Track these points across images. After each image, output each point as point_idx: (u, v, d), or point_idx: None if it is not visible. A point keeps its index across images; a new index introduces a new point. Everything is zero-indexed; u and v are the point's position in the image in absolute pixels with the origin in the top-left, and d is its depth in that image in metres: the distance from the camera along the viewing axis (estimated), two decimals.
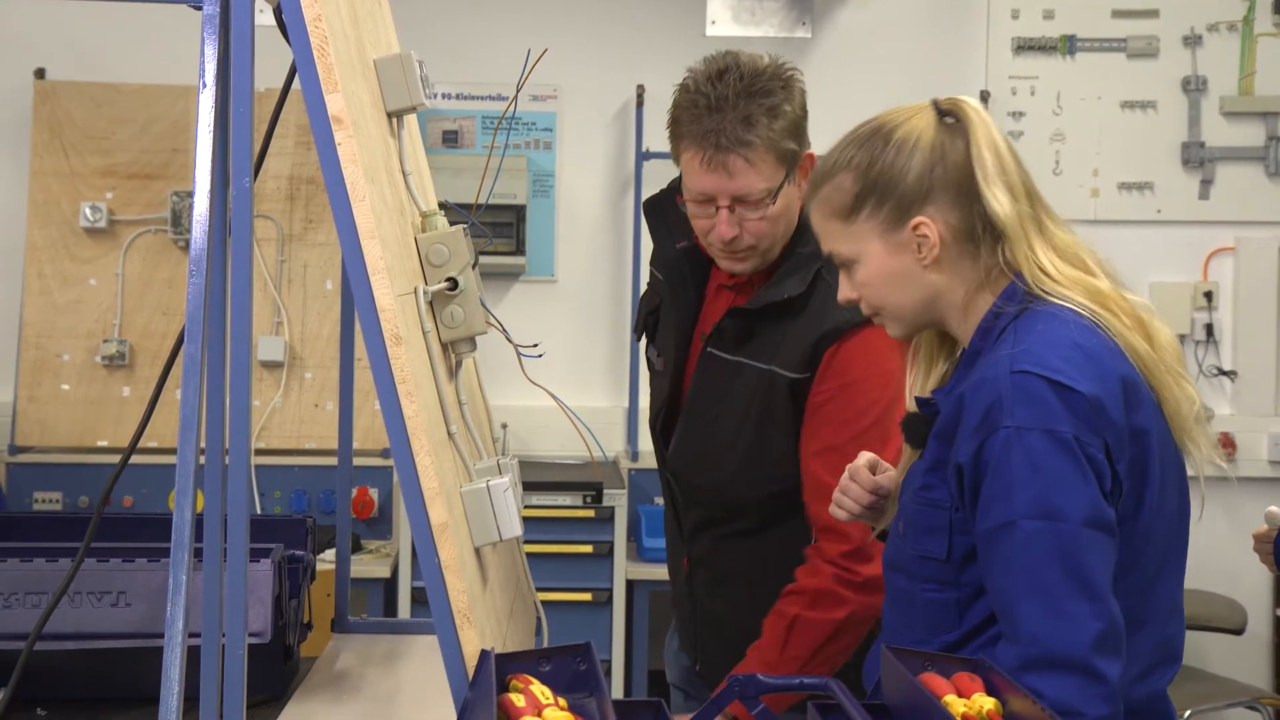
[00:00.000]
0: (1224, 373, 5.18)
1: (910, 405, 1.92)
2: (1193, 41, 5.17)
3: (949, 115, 1.84)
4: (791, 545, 2.34)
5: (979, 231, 1.80)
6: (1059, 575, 1.65)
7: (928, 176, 1.80)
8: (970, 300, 1.83)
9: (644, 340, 2.59)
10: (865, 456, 2.05)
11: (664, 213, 2.49)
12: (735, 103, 2.21)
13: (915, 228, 1.80)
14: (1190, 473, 1.83)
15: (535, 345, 2.32)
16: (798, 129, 2.28)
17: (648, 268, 2.63)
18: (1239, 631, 4.69)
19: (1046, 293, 1.78)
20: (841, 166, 1.85)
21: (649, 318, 2.54)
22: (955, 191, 1.80)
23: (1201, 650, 5.01)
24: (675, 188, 2.45)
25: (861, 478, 2.02)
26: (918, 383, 1.95)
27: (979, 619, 1.79)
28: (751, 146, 2.21)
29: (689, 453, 2.44)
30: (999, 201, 1.78)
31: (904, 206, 1.80)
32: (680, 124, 2.28)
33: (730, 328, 2.36)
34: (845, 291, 1.90)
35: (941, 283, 1.83)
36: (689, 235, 2.43)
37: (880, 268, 1.84)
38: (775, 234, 2.32)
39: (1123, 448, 1.71)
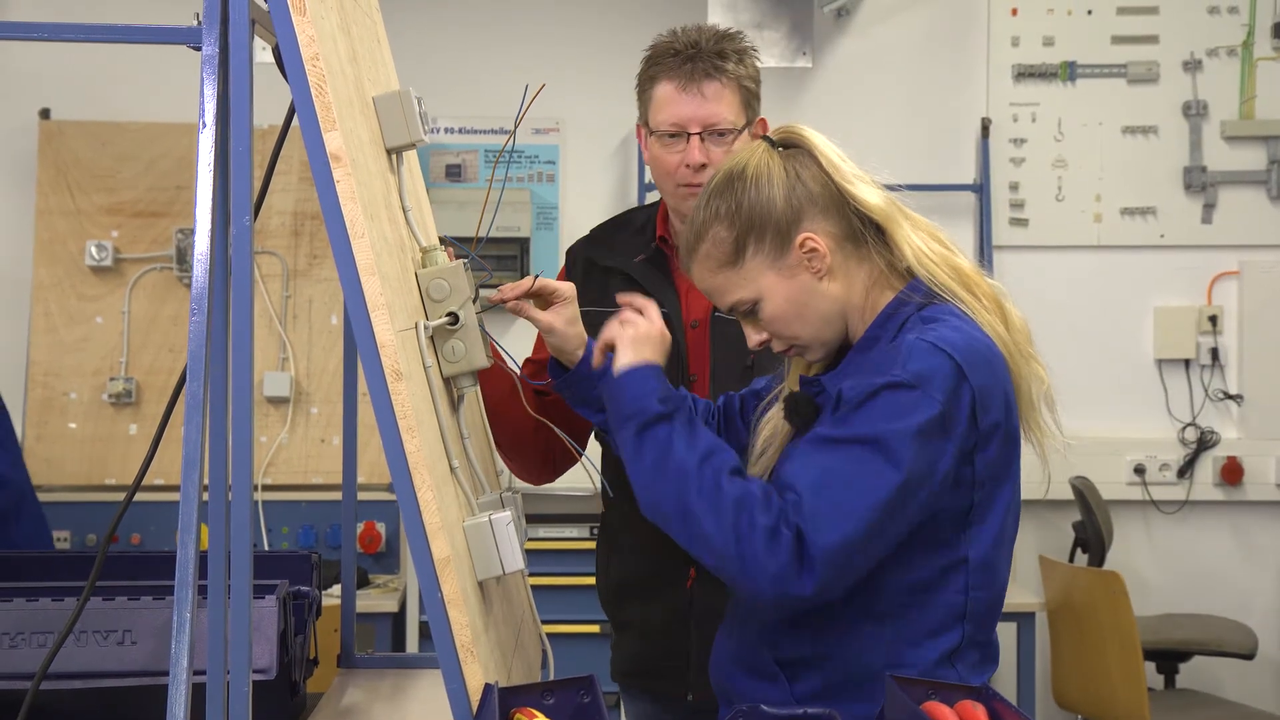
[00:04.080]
0: (1230, 396, 5.17)
1: (793, 384, 2.01)
2: (1193, 66, 5.18)
3: (782, 145, 1.95)
4: None
5: (859, 231, 1.91)
6: (851, 494, 1.75)
7: (793, 198, 1.90)
8: (867, 298, 1.93)
9: None
10: None
11: (608, 244, 2.60)
12: (710, 43, 2.42)
13: (802, 244, 1.89)
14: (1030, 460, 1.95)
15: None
16: (756, 87, 2.46)
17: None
18: (1250, 656, 4.68)
19: (934, 281, 1.89)
20: (711, 221, 1.93)
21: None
22: (823, 203, 1.90)
23: (1213, 675, 5.00)
24: (598, 232, 2.64)
25: None
26: (801, 364, 2.04)
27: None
28: (725, 74, 2.41)
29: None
30: (868, 194, 1.90)
31: (783, 232, 1.89)
32: (658, 64, 2.45)
33: None
34: (753, 337, 1.98)
35: (839, 291, 1.91)
36: (642, 248, 2.55)
37: (783, 296, 1.91)
38: None
39: (988, 443, 1.82)
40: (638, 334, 1.96)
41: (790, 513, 1.74)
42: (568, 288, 2.20)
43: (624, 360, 1.93)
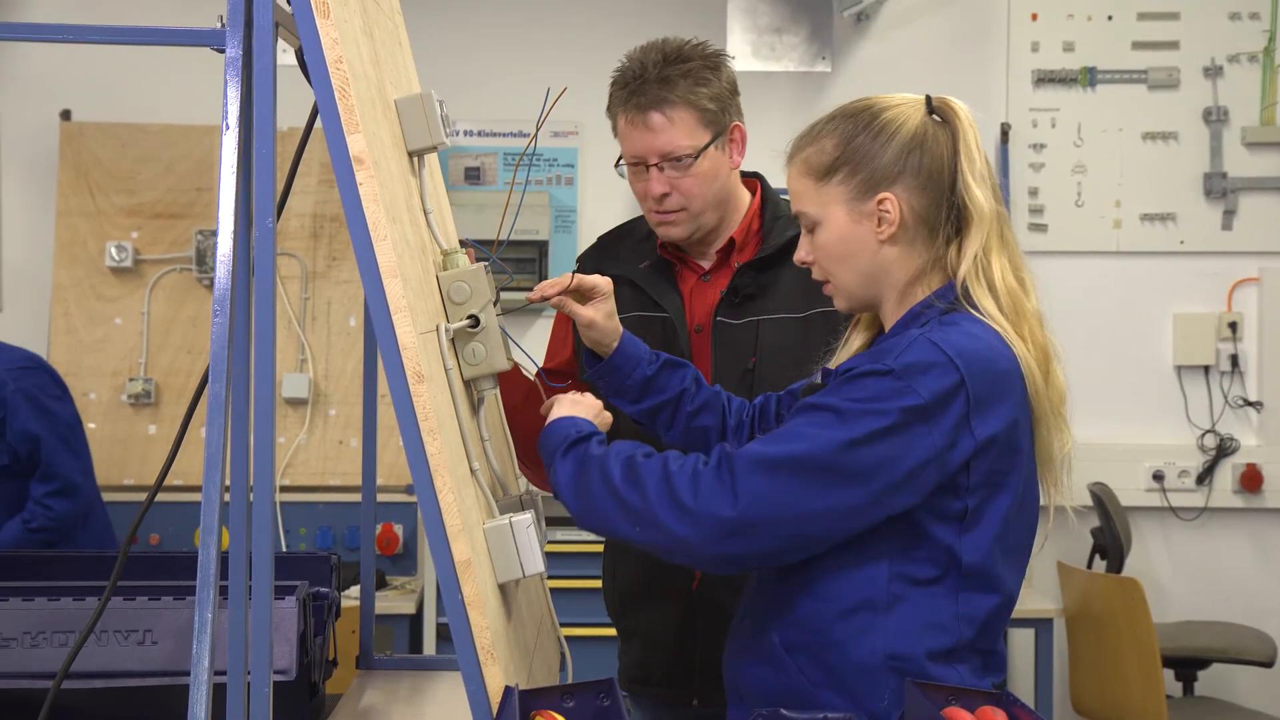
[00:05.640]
0: (1249, 403, 5.16)
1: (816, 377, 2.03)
2: (1213, 72, 5.17)
3: (938, 113, 1.96)
4: None
5: (941, 221, 1.91)
6: (788, 437, 1.79)
7: (903, 159, 1.91)
8: (909, 287, 1.94)
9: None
10: None
11: (613, 253, 2.63)
12: (655, 70, 2.42)
13: (880, 202, 1.91)
14: (1042, 502, 1.94)
15: (566, 382, 2.35)
16: (722, 99, 2.45)
17: None
18: (1268, 664, 4.66)
19: (970, 300, 1.88)
20: (827, 133, 1.97)
21: None
22: (927, 179, 1.91)
23: (1231, 682, 4.98)
24: (604, 241, 2.69)
25: None
26: (837, 356, 2.06)
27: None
28: (670, 104, 2.41)
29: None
30: (979, 193, 1.90)
31: (874, 181, 1.91)
32: (612, 95, 2.49)
33: (742, 285, 2.48)
34: (802, 253, 2.01)
35: (891, 260, 1.93)
36: (647, 255, 2.58)
37: (840, 233, 1.94)
38: (706, 195, 2.46)
39: (985, 451, 1.81)
40: (575, 401, 2.06)
41: (717, 452, 1.80)
42: (606, 283, 2.22)
43: (556, 414, 2.03)
